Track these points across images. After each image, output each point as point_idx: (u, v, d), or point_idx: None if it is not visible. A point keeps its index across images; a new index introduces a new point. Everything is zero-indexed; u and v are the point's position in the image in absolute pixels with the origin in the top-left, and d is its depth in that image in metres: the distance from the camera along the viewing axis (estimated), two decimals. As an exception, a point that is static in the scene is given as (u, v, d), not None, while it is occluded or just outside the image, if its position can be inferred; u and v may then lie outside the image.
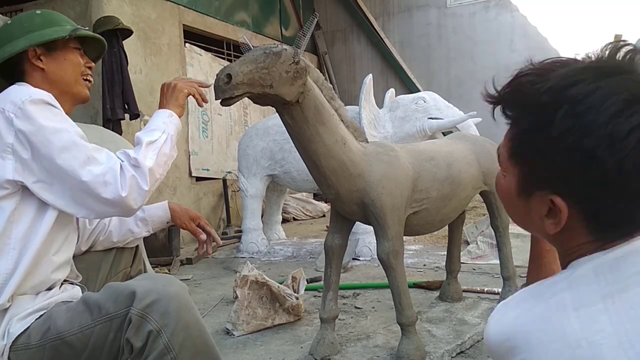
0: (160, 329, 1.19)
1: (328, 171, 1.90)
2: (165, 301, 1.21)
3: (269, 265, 4.13)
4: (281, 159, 4.37)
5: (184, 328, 1.22)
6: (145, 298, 1.21)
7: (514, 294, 0.77)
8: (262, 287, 2.57)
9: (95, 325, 1.23)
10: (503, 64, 7.49)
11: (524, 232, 3.79)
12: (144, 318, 1.19)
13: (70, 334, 1.23)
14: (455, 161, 2.29)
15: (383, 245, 2.00)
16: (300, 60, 1.72)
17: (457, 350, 2.15)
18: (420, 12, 8.07)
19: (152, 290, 1.22)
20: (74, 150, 1.26)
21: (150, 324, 1.19)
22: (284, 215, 5.97)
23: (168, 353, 1.19)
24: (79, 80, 1.49)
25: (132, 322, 1.19)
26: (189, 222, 1.82)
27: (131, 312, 1.20)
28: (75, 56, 1.48)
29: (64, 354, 1.23)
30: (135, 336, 1.19)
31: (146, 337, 1.19)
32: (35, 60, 1.42)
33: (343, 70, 8.66)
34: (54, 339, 1.23)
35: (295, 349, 2.32)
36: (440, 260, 3.85)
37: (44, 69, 1.43)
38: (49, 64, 1.44)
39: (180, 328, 1.21)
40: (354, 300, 3.01)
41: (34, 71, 1.43)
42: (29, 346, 1.23)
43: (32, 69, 1.43)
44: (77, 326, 1.23)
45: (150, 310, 1.20)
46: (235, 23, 6.65)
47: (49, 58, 1.44)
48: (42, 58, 1.43)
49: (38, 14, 1.46)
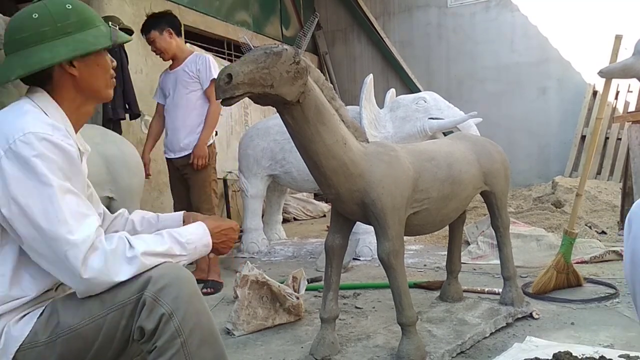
0: (172, 313, 1.20)
1: (329, 171, 1.91)
2: (178, 286, 1.22)
3: (270, 265, 4.14)
4: (282, 159, 4.37)
5: (194, 314, 1.23)
6: (158, 282, 1.21)
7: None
8: (263, 286, 2.57)
9: (108, 313, 1.22)
10: (503, 64, 7.49)
11: (525, 233, 3.78)
12: (157, 301, 1.20)
13: (81, 325, 1.22)
14: (456, 161, 2.29)
15: (383, 245, 2.00)
16: (300, 60, 1.72)
17: (458, 350, 2.14)
18: (420, 12, 8.07)
19: (165, 275, 1.23)
20: (47, 210, 1.17)
21: (162, 307, 1.20)
22: (284, 215, 5.97)
23: (178, 337, 1.20)
24: (108, 84, 1.40)
25: (146, 305, 1.20)
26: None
27: (145, 295, 1.20)
28: (105, 60, 1.39)
29: (75, 346, 1.22)
30: (147, 319, 1.20)
31: (158, 319, 1.19)
32: (69, 67, 1.31)
33: (343, 70, 8.66)
34: (65, 332, 1.22)
35: (295, 349, 2.33)
36: (440, 260, 3.85)
37: (75, 76, 1.32)
38: (82, 70, 1.33)
39: (190, 313, 1.22)
40: (354, 300, 3.01)
41: (63, 77, 1.32)
42: (37, 344, 1.21)
43: (62, 75, 1.31)
44: (89, 316, 1.22)
45: (163, 293, 1.20)
46: (236, 23, 6.66)
47: (82, 65, 1.32)
48: (75, 64, 1.31)
49: (70, 10, 1.31)
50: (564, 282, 2.99)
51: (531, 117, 7.35)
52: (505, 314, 2.45)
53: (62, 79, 1.31)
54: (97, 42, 1.32)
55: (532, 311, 2.55)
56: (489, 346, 2.23)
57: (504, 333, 2.37)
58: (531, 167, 7.35)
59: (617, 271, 3.35)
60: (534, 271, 3.38)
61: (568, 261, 3.00)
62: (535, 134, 7.34)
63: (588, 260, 3.59)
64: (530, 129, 7.36)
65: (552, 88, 7.26)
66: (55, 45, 1.26)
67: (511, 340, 2.27)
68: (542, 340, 2.21)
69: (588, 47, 6.80)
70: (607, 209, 5.30)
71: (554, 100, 7.26)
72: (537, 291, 2.91)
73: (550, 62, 7.21)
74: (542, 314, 2.57)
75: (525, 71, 7.36)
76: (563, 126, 7.18)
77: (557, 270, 2.97)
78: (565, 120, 7.16)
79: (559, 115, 7.24)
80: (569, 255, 3.01)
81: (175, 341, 1.19)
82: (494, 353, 2.15)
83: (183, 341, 1.20)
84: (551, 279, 2.95)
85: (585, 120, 6.93)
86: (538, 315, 2.54)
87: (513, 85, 7.45)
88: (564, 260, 2.99)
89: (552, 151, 7.28)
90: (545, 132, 7.31)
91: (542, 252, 3.75)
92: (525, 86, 7.39)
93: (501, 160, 2.53)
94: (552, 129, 7.27)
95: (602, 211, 5.28)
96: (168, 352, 1.20)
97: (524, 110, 7.39)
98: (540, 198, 6.02)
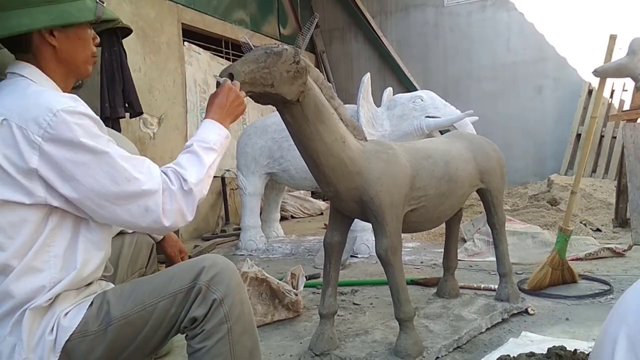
0: (223, 299, 1.26)
1: (327, 169, 1.93)
2: (228, 275, 1.29)
3: (268, 263, 4.16)
4: (280, 157, 4.39)
5: (240, 302, 1.30)
6: (210, 271, 1.27)
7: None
8: (262, 283, 2.60)
9: (160, 301, 1.26)
10: (500, 62, 7.53)
11: (520, 230, 3.82)
12: (209, 289, 1.26)
13: (133, 312, 1.24)
14: (453, 159, 2.32)
15: (381, 242, 2.03)
16: (300, 59, 1.75)
17: (454, 346, 2.18)
18: (417, 11, 8.09)
19: (216, 264, 1.30)
20: (113, 175, 1.18)
21: (214, 294, 1.26)
22: (282, 213, 5.99)
23: (225, 322, 1.26)
24: (88, 59, 1.38)
25: (201, 292, 1.25)
26: (177, 254, 1.93)
27: (199, 284, 1.26)
28: (87, 34, 1.36)
29: (124, 333, 1.24)
30: (201, 305, 1.25)
31: (210, 305, 1.25)
32: (48, 36, 1.28)
33: (341, 68, 8.68)
34: (117, 320, 1.23)
35: (294, 345, 2.35)
36: (437, 257, 3.88)
37: (55, 47, 1.29)
38: (62, 42, 1.30)
39: (237, 302, 1.29)
40: (352, 296, 3.04)
41: (44, 47, 1.29)
42: (87, 334, 1.22)
43: (43, 44, 1.28)
44: (141, 304, 1.25)
45: (215, 281, 1.27)
46: (234, 22, 6.67)
47: (62, 35, 1.30)
48: (55, 34, 1.28)
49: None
50: (559, 279, 3.03)
51: (527, 115, 7.39)
52: (501, 310, 2.48)
53: (42, 48, 1.29)
54: (79, 15, 1.30)
55: (527, 307, 2.58)
56: (485, 341, 2.27)
57: (500, 328, 2.40)
58: (527, 165, 7.39)
59: (612, 268, 3.39)
60: (529, 268, 3.42)
61: (563, 258, 3.04)
62: (531, 132, 7.38)
63: (583, 257, 3.63)
64: (526, 128, 7.40)
65: (548, 87, 7.30)
66: (37, 12, 1.24)
67: (507, 336, 2.30)
68: (537, 336, 2.24)
69: (584, 46, 6.84)
70: (602, 207, 5.34)
71: (550, 98, 7.30)
72: (532, 287, 2.95)
73: (546, 61, 7.25)
74: (537, 309, 2.61)
75: (522, 70, 7.39)
76: (559, 124, 7.22)
77: (552, 267, 3.00)
78: (561, 118, 7.20)
79: (554, 113, 7.28)
80: (564, 252, 3.04)
81: (222, 326, 1.25)
82: (490, 348, 2.18)
83: (229, 327, 1.26)
84: (546, 275, 2.98)
85: (580, 119, 6.97)
86: (533, 311, 2.58)
87: (509, 84, 7.48)
88: (559, 257, 3.02)
89: (547, 149, 7.32)
90: (541, 130, 7.35)
91: (538, 249, 3.79)
92: (521, 85, 7.43)
93: (497, 158, 2.56)
94: (548, 128, 7.31)
95: (597, 209, 5.32)
96: (215, 336, 1.25)
97: (520, 109, 7.43)
98: (536, 196, 6.07)
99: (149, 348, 1.29)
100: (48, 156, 1.14)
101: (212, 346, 1.25)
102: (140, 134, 5.03)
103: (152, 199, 1.22)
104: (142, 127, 5.05)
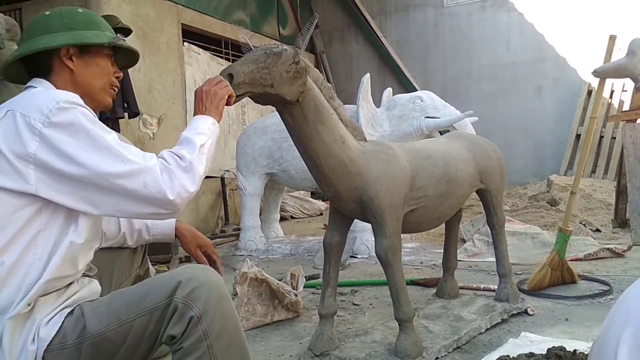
0: (201, 316, 1.21)
1: (327, 169, 1.93)
2: (207, 289, 1.24)
3: (267, 263, 4.16)
4: (279, 158, 4.39)
5: (222, 317, 1.24)
6: (187, 285, 1.23)
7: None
8: (262, 284, 2.60)
9: (136, 318, 1.23)
10: (500, 63, 7.54)
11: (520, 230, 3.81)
12: (187, 305, 1.22)
13: (109, 329, 1.23)
14: (452, 160, 2.32)
15: (381, 243, 2.03)
16: (300, 60, 1.75)
17: (454, 346, 2.18)
18: (417, 12, 8.10)
19: (195, 278, 1.25)
20: (110, 157, 1.21)
21: (192, 310, 1.21)
22: (282, 214, 5.99)
23: (205, 340, 1.21)
24: (106, 88, 1.45)
25: (177, 310, 1.22)
26: (195, 249, 1.83)
27: (175, 300, 1.22)
28: (107, 64, 1.44)
29: (102, 350, 1.23)
30: (178, 323, 1.22)
31: (187, 322, 1.21)
32: (67, 60, 1.36)
33: (340, 69, 8.68)
34: (92, 336, 1.22)
35: (294, 345, 2.35)
36: (437, 257, 3.88)
37: (72, 70, 1.37)
38: (80, 66, 1.38)
39: (218, 317, 1.24)
40: (352, 297, 3.04)
41: (62, 70, 1.37)
42: (65, 346, 1.21)
43: (61, 67, 1.36)
44: (116, 321, 1.23)
45: (193, 297, 1.22)
46: (234, 22, 6.67)
47: (80, 60, 1.38)
48: (73, 58, 1.37)
49: (80, 12, 1.41)
50: (558, 279, 3.03)
51: (527, 116, 7.40)
52: (500, 310, 2.48)
53: (60, 71, 1.36)
54: (93, 37, 1.38)
55: (527, 307, 2.58)
56: (484, 341, 2.27)
57: (499, 329, 2.40)
58: (527, 165, 7.40)
59: (611, 268, 3.39)
60: (529, 268, 3.42)
61: (562, 258, 3.04)
62: (530, 132, 7.39)
63: (582, 257, 3.63)
64: (526, 128, 7.40)
65: (548, 87, 7.30)
66: (57, 35, 1.34)
67: (506, 336, 2.30)
68: (536, 336, 2.24)
69: (583, 46, 6.85)
70: (602, 207, 5.34)
71: (550, 99, 7.31)
72: (532, 288, 2.95)
73: (546, 61, 7.26)
74: (536, 310, 2.61)
75: (521, 70, 7.40)
76: (558, 125, 7.23)
77: (552, 268, 3.00)
78: (561, 119, 7.21)
79: (554, 114, 7.29)
80: (564, 252, 3.05)
81: (202, 344, 1.21)
82: (490, 348, 2.18)
83: (210, 344, 1.21)
84: (546, 276, 2.98)
85: (580, 119, 6.98)
86: (533, 311, 2.58)
87: (509, 85, 7.49)
88: (558, 257, 3.03)
89: (547, 150, 7.33)
90: (540, 130, 7.35)
91: (537, 249, 3.79)
92: (521, 85, 7.43)
93: (497, 159, 2.56)
94: (548, 128, 7.32)
95: (596, 209, 5.32)
96: (194, 353, 1.21)
97: (519, 109, 7.43)
98: (536, 196, 6.07)
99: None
100: (48, 140, 1.17)
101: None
102: (139, 134, 5.03)
103: (150, 175, 1.23)
104: (142, 127, 5.05)
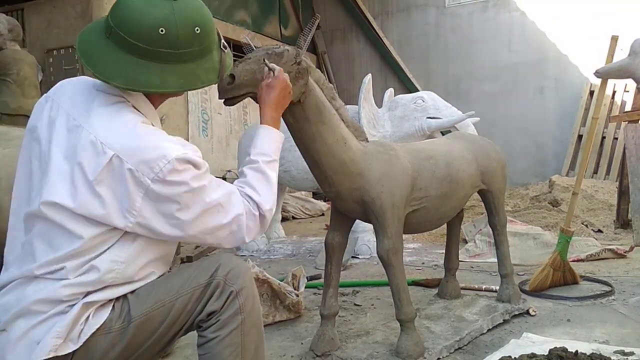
0: (240, 291, 1.32)
1: (329, 170, 1.93)
2: (243, 271, 1.37)
3: (269, 264, 4.16)
4: (281, 158, 4.35)
5: (252, 297, 1.36)
6: (227, 266, 1.35)
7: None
8: (263, 284, 2.60)
9: (178, 298, 1.31)
10: (501, 63, 7.53)
11: (522, 231, 3.81)
12: (227, 282, 1.33)
13: (153, 309, 1.29)
14: (454, 160, 2.32)
15: (383, 243, 2.03)
16: (302, 60, 1.75)
17: (455, 347, 2.18)
18: (418, 12, 8.10)
19: (231, 261, 1.38)
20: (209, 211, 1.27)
21: (231, 287, 1.32)
22: (283, 214, 5.99)
23: (240, 313, 1.32)
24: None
25: (219, 287, 1.32)
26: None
27: (217, 279, 1.32)
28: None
29: (143, 329, 1.28)
30: (219, 299, 1.31)
31: (227, 297, 1.31)
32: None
33: (342, 69, 8.69)
34: (138, 317, 1.27)
35: (295, 345, 2.35)
36: (438, 258, 3.88)
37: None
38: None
39: (251, 296, 1.35)
40: (353, 297, 3.04)
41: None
42: (111, 330, 1.26)
43: None
44: (160, 302, 1.30)
45: (232, 276, 1.34)
46: (235, 22, 6.68)
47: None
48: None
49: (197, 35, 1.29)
50: (560, 280, 3.03)
51: (528, 116, 7.39)
52: (502, 311, 2.48)
53: None
54: (205, 80, 1.35)
55: (528, 308, 2.58)
56: (486, 342, 2.27)
57: (501, 329, 2.40)
58: (528, 166, 7.39)
59: (613, 269, 3.39)
60: (530, 269, 3.42)
61: (564, 259, 3.04)
62: (532, 133, 7.38)
63: (584, 258, 3.63)
64: (527, 128, 7.40)
65: (550, 87, 7.30)
66: (167, 72, 1.26)
67: (508, 337, 2.30)
68: (538, 337, 2.24)
69: (585, 47, 6.84)
70: (604, 208, 5.34)
71: (551, 99, 7.30)
72: (533, 288, 2.95)
73: (547, 61, 7.25)
74: (538, 310, 2.61)
75: (523, 71, 7.39)
76: (560, 125, 7.22)
77: (554, 268, 3.00)
78: (563, 119, 7.20)
79: (556, 114, 7.28)
80: (565, 253, 3.04)
81: (237, 317, 1.31)
82: (491, 349, 2.18)
83: (243, 319, 1.32)
84: (548, 276, 2.98)
85: (582, 120, 6.98)
86: (535, 312, 2.58)
87: (510, 85, 7.49)
88: (560, 258, 3.02)
89: (549, 150, 7.32)
90: (542, 131, 7.35)
91: (539, 250, 3.79)
92: (523, 86, 7.43)
93: (498, 159, 2.55)
94: (549, 128, 7.31)
95: (598, 210, 5.32)
96: (229, 326, 1.30)
97: (521, 110, 7.43)
98: (537, 197, 6.06)
99: (160, 345, 1.33)
100: (153, 194, 1.21)
101: (225, 335, 1.30)
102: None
103: (237, 223, 1.33)
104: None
